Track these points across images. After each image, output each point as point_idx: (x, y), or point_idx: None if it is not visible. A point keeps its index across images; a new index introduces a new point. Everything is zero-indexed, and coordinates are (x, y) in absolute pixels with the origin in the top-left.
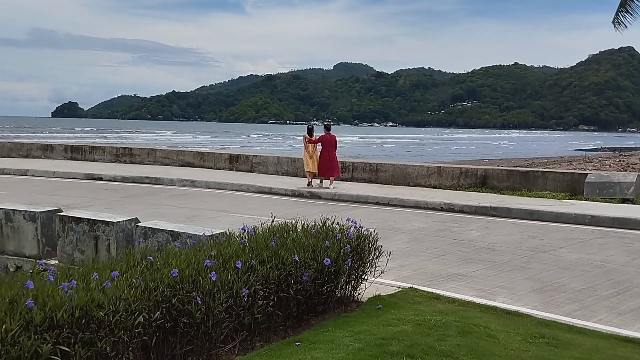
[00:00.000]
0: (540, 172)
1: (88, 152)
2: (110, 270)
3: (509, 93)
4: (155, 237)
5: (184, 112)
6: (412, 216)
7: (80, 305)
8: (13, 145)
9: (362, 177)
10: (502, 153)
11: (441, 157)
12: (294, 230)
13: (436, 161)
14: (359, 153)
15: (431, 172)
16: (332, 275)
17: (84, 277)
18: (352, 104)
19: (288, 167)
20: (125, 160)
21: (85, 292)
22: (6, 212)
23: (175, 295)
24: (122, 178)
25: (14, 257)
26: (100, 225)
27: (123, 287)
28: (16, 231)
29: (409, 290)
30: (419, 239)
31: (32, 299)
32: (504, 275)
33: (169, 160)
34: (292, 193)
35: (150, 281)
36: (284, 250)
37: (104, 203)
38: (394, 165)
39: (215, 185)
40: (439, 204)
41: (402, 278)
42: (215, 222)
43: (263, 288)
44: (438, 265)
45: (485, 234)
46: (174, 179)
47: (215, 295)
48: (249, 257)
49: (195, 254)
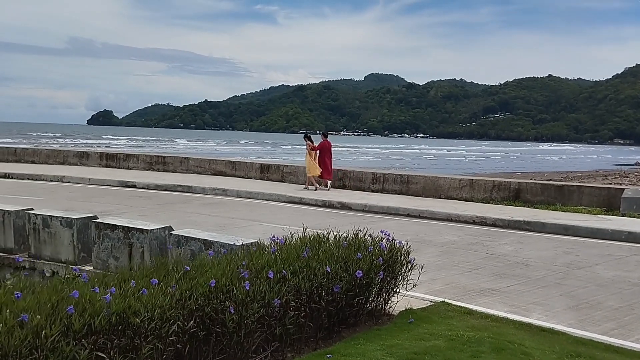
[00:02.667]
0: (576, 186)
1: (122, 160)
2: (148, 278)
3: (542, 105)
4: (188, 246)
5: (215, 121)
6: (443, 229)
7: (117, 312)
8: (50, 152)
9: (393, 189)
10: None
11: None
12: (326, 242)
13: (468, 174)
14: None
15: (463, 185)
16: (363, 288)
17: (120, 283)
18: (382, 115)
19: None
20: (159, 168)
21: (122, 298)
22: (44, 218)
23: (209, 304)
24: (155, 186)
25: (50, 262)
26: (134, 233)
27: (159, 295)
28: (53, 237)
29: (441, 304)
30: (450, 252)
31: (73, 305)
32: (538, 292)
33: (201, 169)
34: (322, 203)
35: (185, 290)
36: (316, 261)
37: (137, 210)
38: (425, 177)
39: (246, 195)
40: (471, 217)
41: (434, 292)
42: (246, 232)
43: (294, 299)
44: (470, 279)
45: (518, 249)
46: (205, 188)
47: (248, 304)
48: (280, 268)
49: (229, 263)
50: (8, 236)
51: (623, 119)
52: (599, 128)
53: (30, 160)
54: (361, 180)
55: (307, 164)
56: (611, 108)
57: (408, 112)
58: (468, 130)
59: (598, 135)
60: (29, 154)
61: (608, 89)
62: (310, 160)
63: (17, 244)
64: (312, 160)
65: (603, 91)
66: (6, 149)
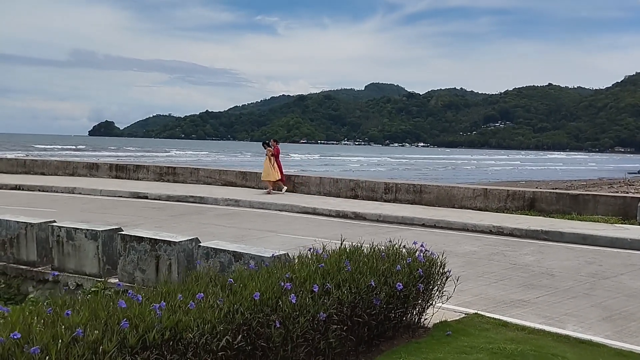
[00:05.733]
0: (591, 195)
1: (132, 171)
2: (192, 292)
3: (542, 114)
4: (217, 258)
5: (216, 131)
6: (461, 239)
7: (169, 327)
8: (60, 164)
9: (406, 199)
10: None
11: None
12: (361, 253)
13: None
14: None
15: (477, 194)
16: (402, 300)
17: (165, 297)
18: (383, 124)
19: (330, 187)
20: (169, 179)
21: (171, 313)
22: (68, 231)
23: (255, 318)
24: (167, 197)
25: (74, 275)
26: (161, 245)
27: (206, 309)
28: (77, 249)
29: (475, 316)
30: (473, 262)
31: (127, 319)
32: (569, 302)
33: (211, 179)
34: (336, 214)
35: (233, 304)
36: (358, 274)
37: (152, 222)
38: (439, 187)
39: (259, 205)
40: (487, 226)
41: (464, 303)
42: (265, 242)
43: (337, 312)
44: (498, 290)
45: (540, 259)
46: (218, 198)
47: (294, 319)
48: (323, 281)
49: (270, 276)
50: (30, 249)
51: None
52: (599, 136)
53: (40, 171)
54: (373, 190)
55: (264, 169)
56: (611, 116)
57: (409, 122)
58: (469, 139)
59: (599, 143)
60: (39, 165)
61: (608, 97)
62: (268, 166)
63: (39, 257)
64: (270, 165)
65: (603, 99)
66: (15, 161)
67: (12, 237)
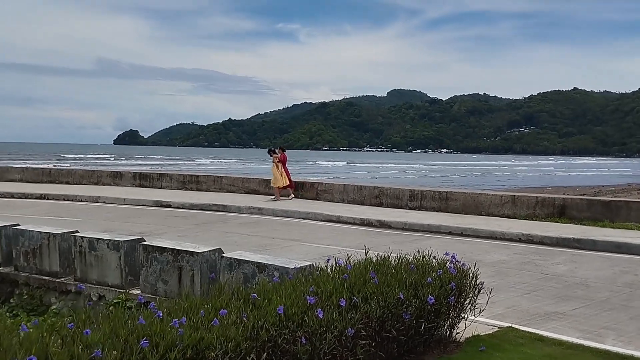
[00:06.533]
0: (623, 202)
1: (156, 180)
2: (215, 308)
3: (568, 119)
4: (240, 269)
5: (239, 139)
6: (489, 247)
7: (191, 345)
8: (84, 173)
9: (431, 206)
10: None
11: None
12: (388, 264)
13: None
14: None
15: (505, 201)
16: (433, 314)
17: (187, 312)
18: (405, 131)
19: (354, 195)
20: (192, 187)
21: (192, 330)
22: (90, 241)
23: (280, 335)
24: (190, 205)
25: (96, 285)
26: (184, 256)
27: (229, 325)
28: (99, 260)
29: (508, 330)
30: (503, 272)
31: (146, 337)
32: (606, 315)
33: (234, 187)
34: (360, 222)
35: (257, 319)
36: (386, 287)
37: (176, 231)
38: (465, 194)
39: (282, 213)
40: (516, 234)
41: (497, 316)
42: (289, 252)
43: (365, 327)
44: (532, 302)
45: (573, 268)
46: (241, 207)
47: (321, 335)
48: (350, 294)
49: (295, 289)
50: (53, 259)
51: None
52: (626, 141)
53: (64, 180)
54: (398, 198)
55: (273, 176)
56: (638, 121)
57: (431, 128)
58: (492, 145)
59: (626, 148)
60: (64, 174)
61: (635, 101)
62: (276, 172)
63: (62, 267)
64: (277, 172)
65: (630, 103)
66: (41, 170)
67: (34, 248)
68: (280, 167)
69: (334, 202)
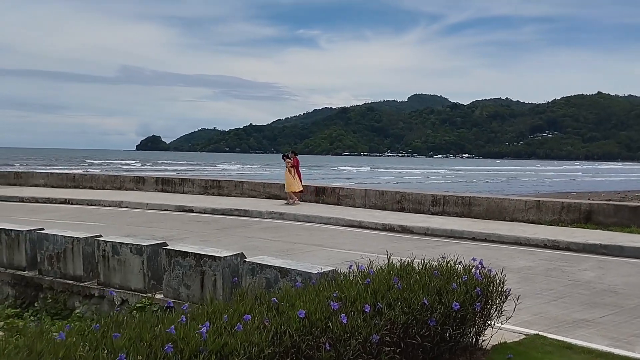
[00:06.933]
0: None
1: (178, 185)
2: (239, 313)
3: (592, 123)
4: (263, 274)
5: (260, 144)
6: (514, 253)
7: (215, 350)
8: (107, 178)
9: (454, 211)
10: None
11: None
12: (412, 270)
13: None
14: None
15: (529, 207)
16: (459, 321)
17: (210, 317)
18: (426, 136)
19: (376, 200)
20: (213, 192)
21: (216, 335)
22: (113, 245)
23: (304, 340)
24: (211, 210)
25: (119, 290)
26: (206, 260)
27: (253, 330)
28: (122, 264)
29: (536, 337)
30: (529, 278)
31: (170, 342)
32: (636, 322)
33: (255, 192)
34: (382, 227)
35: (280, 324)
36: (410, 292)
37: (198, 235)
38: (488, 199)
39: (303, 218)
40: (541, 240)
41: (523, 323)
42: (311, 257)
43: (390, 333)
44: (559, 309)
45: (601, 275)
46: (262, 212)
47: (346, 341)
48: (374, 300)
49: (318, 294)
50: (77, 263)
51: None
52: None
53: (88, 185)
54: (420, 203)
55: (286, 180)
56: None
57: (453, 133)
58: (515, 150)
59: None
60: (87, 179)
61: None
62: (289, 177)
63: (85, 272)
64: (291, 177)
65: None
66: (65, 175)
67: (59, 252)
68: (294, 172)
69: (355, 207)
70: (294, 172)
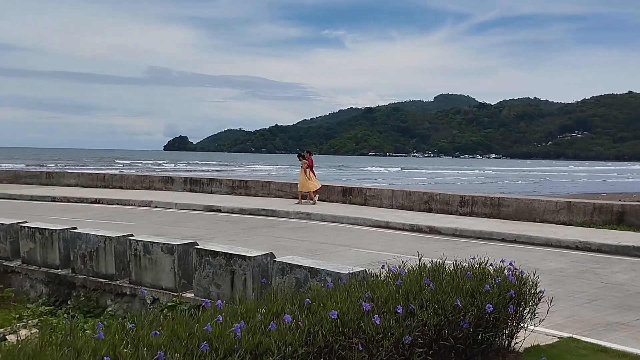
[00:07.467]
0: None
1: (206, 185)
2: (272, 312)
3: (622, 123)
4: (292, 274)
5: (285, 145)
6: (544, 255)
7: (250, 349)
8: (137, 178)
9: (483, 212)
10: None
11: None
12: (443, 271)
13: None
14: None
15: (560, 208)
16: (491, 323)
17: (244, 316)
18: (453, 136)
19: (403, 200)
20: (241, 192)
21: (250, 334)
22: (145, 244)
23: (337, 341)
24: (239, 210)
25: (151, 289)
26: (236, 260)
27: (287, 330)
28: (154, 263)
29: (570, 340)
30: (561, 280)
31: (206, 340)
32: None
33: (282, 192)
34: (410, 227)
35: (313, 324)
36: (443, 294)
37: (226, 235)
38: (518, 200)
39: (330, 219)
40: (573, 242)
41: (556, 326)
42: (338, 257)
43: (422, 335)
44: (592, 312)
45: (634, 277)
46: (289, 212)
47: (378, 342)
48: (405, 301)
49: (349, 295)
50: (109, 262)
51: None
52: None
53: (118, 185)
54: (448, 204)
55: (300, 180)
56: None
57: (479, 133)
58: (543, 150)
59: None
60: (117, 179)
61: None
62: (304, 177)
63: (117, 270)
64: (305, 176)
65: None
66: (95, 175)
67: (91, 251)
68: (309, 172)
69: (382, 208)
70: (309, 172)
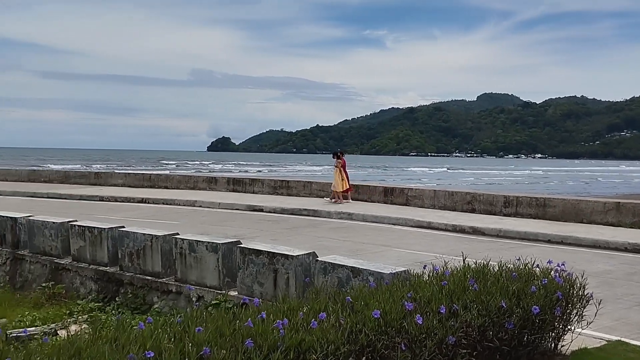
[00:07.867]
0: None
1: (248, 185)
2: (314, 310)
3: None
4: (335, 273)
5: (326, 145)
6: (592, 257)
7: (292, 346)
8: (181, 178)
9: (528, 213)
10: None
11: None
12: (488, 272)
13: (613, 196)
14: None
15: (608, 209)
16: (537, 325)
17: (287, 314)
18: (496, 136)
19: (445, 200)
20: (282, 192)
21: (293, 332)
22: (190, 243)
23: (380, 340)
24: (281, 210)
25: (195, 286)
26: (279, 259)
27: (329, 328)
28: (199, 261)
29: (618, 343)
30: (609, 283)
31: (250, 337)
32: None
33: (324, 192)
34: (452, 228)
35: (355, 323)
36: (487, 295)
37: (268, 234)
38: (564, 201)
39: (372, 219)
40: (622, 244)
41: (604, 328)
42: (380, 257)
43: (466, 336)
44: None
45: None
46: (331, 212)
47: (422, 341)
48: (449, 301)
49: (392, 295)
50: (155, 260)
51: None
52: None
53: (163, 185)
54: (492, 204)
55: (335, 179)
56: None
57: (524, 132)
58: (591, 150)
59: None
60: (162, 179)
61: None
62: (338, 177)
63: (163, 268)
64: (339, 176)
65: None
66: (142, 175)
67: (138, 249)
68: (343, 172)
69: (424, 208)
70: (342, 172)
